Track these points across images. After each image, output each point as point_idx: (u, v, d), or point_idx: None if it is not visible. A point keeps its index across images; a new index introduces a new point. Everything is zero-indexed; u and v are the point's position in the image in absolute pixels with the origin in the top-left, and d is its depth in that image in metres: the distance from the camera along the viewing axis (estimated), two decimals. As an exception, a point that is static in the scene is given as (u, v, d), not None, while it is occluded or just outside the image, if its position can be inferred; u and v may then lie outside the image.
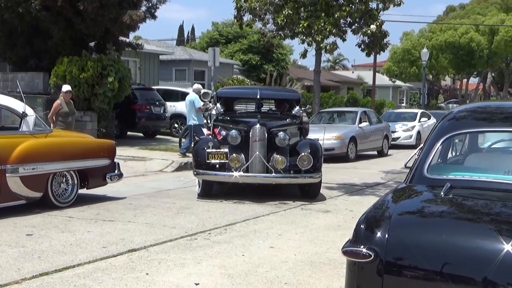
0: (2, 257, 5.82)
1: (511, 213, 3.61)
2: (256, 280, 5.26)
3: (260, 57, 40.67)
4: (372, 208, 3.74)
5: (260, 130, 9.53)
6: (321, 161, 9.88)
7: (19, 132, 8.28)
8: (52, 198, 8.40)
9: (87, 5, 17.97)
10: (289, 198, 9.74)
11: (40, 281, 5.09)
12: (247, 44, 40.82)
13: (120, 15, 19.02)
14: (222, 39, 42.51)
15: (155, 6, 21.02)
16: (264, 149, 9.52)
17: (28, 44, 19.71)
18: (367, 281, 3.30)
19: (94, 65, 18.09)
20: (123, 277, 5.26)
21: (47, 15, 18.41)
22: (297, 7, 20.74)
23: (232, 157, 9.32)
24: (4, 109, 9.02)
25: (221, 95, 11.89)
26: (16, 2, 18.43)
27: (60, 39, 19.06)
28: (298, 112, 11.21)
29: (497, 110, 4.85)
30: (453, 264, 3.10)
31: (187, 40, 55.33)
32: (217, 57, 22.85)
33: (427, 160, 4.17)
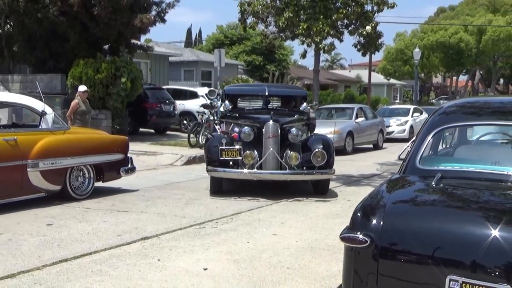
0: (25, 245, 5.85)
1: (498, 201, 3.61)
2: (260, 265, 5.27)
3: (263, 57, 40.66)
4: (368, 197, 3.75)
5: (273, 127, 8.89)
6: (333, 156, 9.29)
7: (39, 129, 8.29)
8: (70, 191, 8.42)
9: (101, 10, 17.98)
10: (302, 195, 9.11)
11: (60, 267, 5.11)
12: (250, 45, 40.80)
13: (132, 19, 19.03)
14: (227, 41, 42.49)
15: (164, 10, 21.01)
16: (277, 145, 8.88)
17: (46, 47, 19.74)
18: (363, 265, 3.31)
19: (108, 67, 18.11)
20: (136, 263, 5.28)
21: (64, 20, 18.42)
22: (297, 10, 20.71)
23: (246, 153, 8.68)
24: (25, 108, 9.10)
25: (228, 92, 11.26)
26: (35, 8, 18.45)
27: (76, 42, 19.08)
28: (305, 108, 10.63)
29: (484, 105, 4.85)
30: (444, 248, 3.10)
31: (195, 42, 55.28)
32: (222, 58, 22.83)
33: (419, 152, 4.18)
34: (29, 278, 4.79)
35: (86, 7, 18.20)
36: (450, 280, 2.97)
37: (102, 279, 4.79)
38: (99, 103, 18.05)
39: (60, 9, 18.18)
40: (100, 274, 4.91)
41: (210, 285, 4.66)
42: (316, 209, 8.20)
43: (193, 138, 16.45)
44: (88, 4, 18.15)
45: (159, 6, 20.96)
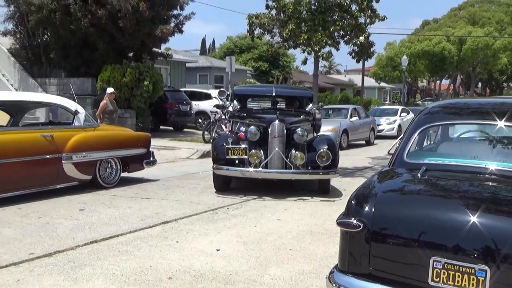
0: (60, 228, 5.88)
1: (476, 191, 3.60)
2: (266, 246, 5.28)
3: (269, 64, 40.64)
4: (361, 187, 3.74)
5: (279, 126, 8.11)
6: (338, 157, 8.48)
7: (72, 126, 8.32)
8: (100, 180, 8.45)
9: (126, 22, 18.01)
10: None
11: (91, 248, 5.14)
12: (257, 53, 40.77)
13: (153, 30, 19.05)
14: (237, 49, 42.46)
15: (182, 22, 21.03)
16: (283, 145, 8.10)
17: (79, 55, 19.80)
18: (357, 247, 3.30)
19: (132, 72, 18.16)
20: (157, 244, 5.30)
21: (94, 31, 18.47)
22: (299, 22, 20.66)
23: (252, 152, 7.93)
24: (60, 108, 9.14)
25: (237, 93, 10.46)
26: (69, 20, 18.50)
27: (105, 51, 19.12)
28: (311, 109, 9.81)
29: (464, 106, 4.82)
30: (428, 233, 3.09)
31: (209, 51, 55.20)
32: (233, 64, 22.81)
33: (406, 147, 4.17)
34: (64, 257, 4.82)
35: (113, 19, 18.24)
36: (434, 261, 2.97)
37: (128, 258, 4.81)
38: (125, 103, 18.11)
39: (90, 22, 18.22)
40: (126, 254, 4.94)
41: (222, 264, 4.67)
42: (315, 197, 8.18)
43: (207, 135, 16.48)
44: (115, 17, 18.18)
45: (178, 18, 20.98)
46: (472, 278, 2.87)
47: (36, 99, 9.56)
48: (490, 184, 3.68)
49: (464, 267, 2.90)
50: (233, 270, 4.52)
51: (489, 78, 60.08)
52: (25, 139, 7.43)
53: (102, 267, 4.53)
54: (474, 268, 2.87)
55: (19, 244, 5.20)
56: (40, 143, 7.54)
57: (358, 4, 21.46)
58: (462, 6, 56.99)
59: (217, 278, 4.30)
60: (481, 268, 2.86)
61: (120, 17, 18.04)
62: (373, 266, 3.22)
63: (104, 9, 18.02)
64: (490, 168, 3.82)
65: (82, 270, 4.45)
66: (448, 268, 2.93)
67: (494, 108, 4.29)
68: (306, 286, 4.16)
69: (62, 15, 18.49)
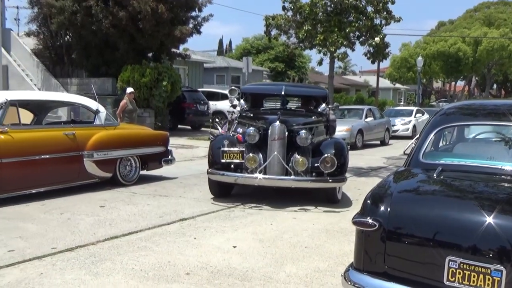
0: (81, 224, 5.94)
1: (492, 192, 3.56)
2: (282, 244, 5.28)
3: (285, 64, 40.61)
4: (377, 187, 3.72)
5: (279, 128, 7.10)
6: (346, 162, 7.41)
7: (93, 125, 8.39)
8: (119, 178, 8.51)
9: (145, 23, 18.13)
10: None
11: (111, 243, 5.18)
12: (274, 54, 40.75)
13: (172, 31, 19.15)
14: (253, 50, 42.50)
15: (200, 23, 21.11)
16: (283, 148, 7.09)
17: (99, 55, 19.99)
18: (372, 246, 3.28)
19: (151, 72, 18.28)
20: (175, 240, 5.33)
21: (115, 32, 18.62)
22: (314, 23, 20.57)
23: (248, 156, 6.96)
24: (81, 107, 9.21)
25: (245, 91, 9.55)
26: (90, 21, 18.68)
27: (125, 51, 19.28)
28: (324, 109, 8.74)
29: (480, 107, 4.76)
30: (444, 233, 3.07)
31: (226, 51, 55.30)
32: (250, 65, 22.83)
33: (422, 148, 4.14)
34: (85, 252, 4.87)
35: (133, 21, 18.38)
36: (450, 260, 2.94)
37: (147, 253, 4.85)
38: (144, 103, 18.24)
39: (111, 23, 18.39)
40: (145, 250, 4.97)
41: (238, 261, 4.68)
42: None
43: (224, 134, 16.49)
44: (135, 18, 18.31)
45: (196, 19, 21.07)
46: (488, 278, 2.84)
47: (59, 98, 9.66)
48: (506, 185, 3.63)
49: (480, 267, 2.86)
50: (249, 266, 4.52)
51: (504, 80, 59.33)
52: (48, 137, 7.52)
53: (122, 262, 4.57)
54: (490, 268, 2.84)
55: (42, 239, 5.26)
56: (62, 141, 7.62)
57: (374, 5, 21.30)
58: (477, 7, 56.32)
59: (234, 275, 4.31)
60: (497, 268, 2.83)
61: (140, 18, 18.17)
62: (388, 264, 3.20)
63: (124, 10, 18.17)
64: (506, 169, 3.78)
65: (103, 264, 4.50)
66: (464, 268, 2.90)
67: (510, 109, 4.24)
68: (321, 283, 4.15)
69: (83, 16, 18.68)
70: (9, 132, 6.92)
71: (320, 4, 20.73)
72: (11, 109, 7.18)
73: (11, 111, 7.20)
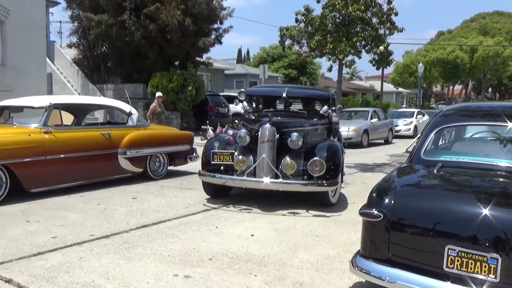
0: (116, 214, 5.99)
1: (488, 186, 3.50)
2: (295, 233, 5.25)
3: (297, 71, 40.53)
4: (382, 181, 3.69)
5: (269, 130, 6.30)
6: (338, 166, 6.42)
7: (126, 126, 8.45)
8: (150, 173, 8.56)
9: (173, 35, 18.25)
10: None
11: (142, 231, 5.21)
12: (287, 61, 40.68)
13: (196, 41, 19.25)
14: (269, 58, 42.48)
15: (221, 34, 21.18)
16: (273, 151, 6.28)
17: (132, 64, 20.17)
18: (378, 235, 3.26)
19: (178, 78, 18.38)
20: (199, 229, 5.34)
21: (145, 43, 18.78)
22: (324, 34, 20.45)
23: (238, 158, 6.30)
24: (116, 110, 9.28)
25: (249, 93, 8.64)
26: (124, 34, 18.86)
27: (154, 60, 19.43)
28: (326, 111, 7.86)
29: (477, 109, 4.69)
30: (443, 223, 3.03)
31: (244, 60, 55.32)
32: (266, 71, 22.81)
33: (423, 146, 4.09)
34: (119, 239, 4.90)
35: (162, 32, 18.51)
36: (449, 249, 2.90)
37: (174, 240, 4.86)
38: (171, 106, 18.37)
39: (142, 35, 18.54)
40: (172, 237, 4.99)
41: (256, 248, 4.67)
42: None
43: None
44: (164, 30, 18.44)
45: (217, 31, 21.14)
46: (484, 265, 2.79)
47: (96, 102, 9.76)
48: (500, 180, 3.57)
49: (477, 255, 2.82)
50: (265, 253, 4.51)
51: (498, 84, 58.37)
52: (86, 137, 7.60)
53: (152, 248, 4.59)
54: (486, 256, 2.79)
55: (81, 227, 5.32)
56: (99, 140, 7.69)
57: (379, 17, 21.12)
58: (474, 18, 55.49)
59: (252, 260, 4.30)
60: (493, 256, 2.78)
61: (168, 30, 18.30)
62: (392, 252, 3.17)
63: (154, 23, 18.30)
64: (501, 165, 3.72)
65: (135, 250, 4.52)
66: (462, 256, 2.86)
67: (504, 110, 4.17)
68: (331, 269, 4.12)
69: (118, 29, 18.87)
70: (52, 132, 7.01)
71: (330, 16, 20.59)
72: (55, 112, 7.27)
73: (55, 114, 7.28)
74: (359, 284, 3.70)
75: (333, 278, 3.90)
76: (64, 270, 3.96)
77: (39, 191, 6.81)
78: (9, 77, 12.58)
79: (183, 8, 18.48)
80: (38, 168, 6.74)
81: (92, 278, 3.79)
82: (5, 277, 3.78)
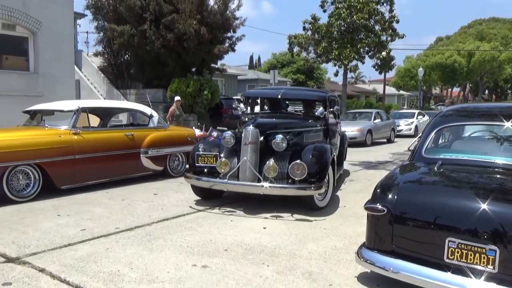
0: (139, 208, 6.02)
1: (486, 182, 3.45)
2: (304, 226, 5.23)
3: (305, 76, 40.37)
4: (385, 178, 3.66)
5: (252, 132, 5.79)
6: (323, 170, 5.69)
7: (148, 127, 8.49)
8: (169, 170, 8.58)
9: (190, 43, 18.30)
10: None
11: (163, 224, 5.23)
12: (296, 67, 40.55)
13: (211, 49, 19.27)
14: (278, 64, 42.38)
15: (234, 42, 21.17)
16: (256, 153, 5.75)
17: (152, 70, 20.27)
18: (382, 228, 3.24)
19: (195, 83, 18.43)
20: (215, 222, 5.34)
21: (164, 51, 18.86)
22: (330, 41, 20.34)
23: (220, 161, 5.80)
24: (138, 112, 9.32)
25: (246, 95, 8.24)
26: (145, 43, 18.97)
27: (173, 67, 19.50)
28: (321, 113, 7.18)
29: (475, 110, 4.64)
30: (443, 217, 3.00)
31: (255, 66, 55.28)
32: (276, 76, 22.76)
33: (424, 144, 4.05)
34: (142, 231, 4.93)
35: (179, 41, 18.57)
36: (449, 241, 2.87)
37: (192, 233, 4.87)
38: (189, 109, 18.42)
39: (162, 44, 18.63)
40: (190, 230, 5.00)
41: (268, 240, 4.66)
42: (345, 186, 8.03)
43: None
44: (181, 39, 18.50)
45: (231, 39, 21.14)
46: (483, 256, 2.76)
47: (120, 105, 9.82)
48: (498, 176, 3.52)
49: (476, 247, 2.79)
50: (277, 244, 4.50)
51: (495, 86, 57.56)
52: (111, 138, 7.65)
53: (172, 240, 4.61)
54: (485, 248, 2.76)
55: (107, 220, 5.36)
56: (123, 141, 7.74)
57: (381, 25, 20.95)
58: (471, 24, 54.84)
59: (264, 251, 4.30)
60: (491, 248, 2.74)
61: (185, 39, 18.36)
62: (395, 244, 3.15)
63: (172, 33, 18.37)
64: (498, 163, 3.67)
65: (156, 242, 4.54)
66: (462, 248, 2.83)
67: (501, 111, 4.11)
68: (338, 259, 4.10)
69: (139, 38, 18.99)
70: (81, 133, 7.08)
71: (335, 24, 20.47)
72: (82, 115, 7.34)
73: (83, 116, 7.35)
74: (364, 274, 3.67)
75: (340, 268, 3.87)
76: (92, 260, 4.00)
77: (68, 187, 6.88)
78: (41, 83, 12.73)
79: (199, 18, 18.53)
80: (68, 166, 6.81)
81: (118, 267, 3.82)
82: (39, 267, 3.83)
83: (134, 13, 19.08)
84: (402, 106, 51.80)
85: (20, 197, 6.32)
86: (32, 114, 7.84)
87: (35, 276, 3.64)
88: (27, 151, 6.35)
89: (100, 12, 21.09)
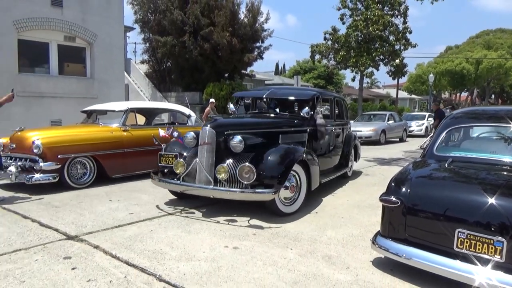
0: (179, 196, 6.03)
1: (493, 178, 3.33)
2: (324, 214, 5.18)
3: (325, 81, 39.97)
4: (399, 173, 3.57)
5: (208, 132, 4.96)
6: (282, 173, 4.69)
7: (186, 125, 8.55)
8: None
9: (223, 52, 18.41)
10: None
11: (199, 210, 5.23)
12: (317, 73, 40.23)
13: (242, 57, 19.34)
14: (301, 70, 42.11)
15: (262, 51, 21.18)
16: (211, 154, 4.89)
17: (191, 76, 20.53)
18: (395, 219, 3.17)
19: (227, 87, 18.53)
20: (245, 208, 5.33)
21: (201, 59, 19.05)
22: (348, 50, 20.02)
23: (176, 162, 5.08)
24: (178, 113, 9.43)
25: (236, 96, 7.25)
26: (184, 52, 19.21)
27: (208, 73, 19.69)
28: (307, 112, 5.95)
29: (483, 112, 4.48)
30: (453, 210, 2.91)
31: (280, 72, 55.08)
32: (299, 81, 22.58)
33: (435, 143, 3.94)
34: (181, 216, 4.96)
35: (214, 50, 18.71)
36: (459, 232, 2.78)
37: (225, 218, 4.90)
38: (222, 110, 18.54)
39: (199, 52, 18.82)
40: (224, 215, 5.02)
41: (291, 226, 4.63)
42: (361, 180, 7.87)
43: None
44: (216, 48, 18.64)
45: (259, 49, 21.16)
46: (491, 247, 2.66)
47: (162, 106, 9.94)
48: (504, 174, 3.39)
49: (484, 238, 2.69)
50: (299, 230, 4.47)
51: (501, 91, 55.39)
52: (156, 134, 7.74)
53: (207, 224, 4.63)
54: (493, 239, 2.66)
55: (152, 206, 5.43)
56: (165, 137, 7.81)
57: (395, 35, 20.48)
58: (479, 34, 52.83)
59: (288, 236, 4.28)
60: (499, 239, 2.64)
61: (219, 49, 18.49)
62: (408, 233, 3.08)
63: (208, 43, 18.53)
64: (505, 161, 3.53)
65: (193, 225, 4.58)
66: (471, 238, 2.73)
67: (507, 113, 3.95)
68: (354, 245, 4.04)
69: (180, 48, 19.25)
70: (129, 130, 7.23)
71: (353, 35, 20.15)
72: (131, 114, 7.49)
73: (131, 116, 7.51)
74: (379, 259, 3.60)
75: (356, 253, 3.82)
76: (139, 239, 4.07)
77: (118, 176, 7.05)
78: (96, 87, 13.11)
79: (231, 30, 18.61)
80: (118, 158, 6.97)
81: (160, 246, 3.88)
82: (94, 244, 3.94)
83: (175, 26, 19.35)
84: (414, 109, 50.51)
85: (78, 184, 6.52)
86: (89, 114, 8.06)
87: (91, 251, 3.74)
88: (84, 145, 6.55)
89: (146, 26, 21.48)
